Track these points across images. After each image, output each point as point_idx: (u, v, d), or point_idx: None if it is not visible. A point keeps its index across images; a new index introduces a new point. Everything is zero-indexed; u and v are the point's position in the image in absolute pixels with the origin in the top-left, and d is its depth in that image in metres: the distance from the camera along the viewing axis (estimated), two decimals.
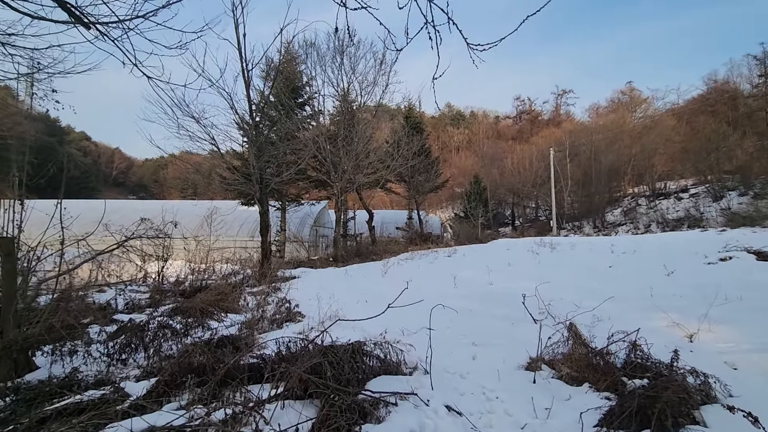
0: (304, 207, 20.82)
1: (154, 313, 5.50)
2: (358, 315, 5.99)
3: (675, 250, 11.09)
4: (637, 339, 3.25)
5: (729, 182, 27.32)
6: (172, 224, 7.55)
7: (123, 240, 7.50)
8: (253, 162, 10.09)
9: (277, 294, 7.47)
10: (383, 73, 15.29)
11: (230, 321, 5.46)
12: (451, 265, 11.73)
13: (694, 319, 4.18)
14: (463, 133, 73.20)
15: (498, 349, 3.94)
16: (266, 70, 10.30)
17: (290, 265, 13.27)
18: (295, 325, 5.24)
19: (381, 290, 8.17)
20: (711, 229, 20.23)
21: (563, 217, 34.21)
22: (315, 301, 6.93)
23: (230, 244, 22.45)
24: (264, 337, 4.66)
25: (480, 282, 8.41)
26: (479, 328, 4.79)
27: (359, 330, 5.02)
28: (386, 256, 15.51)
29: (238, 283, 8.86)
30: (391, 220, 29.67)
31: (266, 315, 5.48)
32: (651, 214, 29.81)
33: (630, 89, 59.82)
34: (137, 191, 77.17)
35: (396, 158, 17.15)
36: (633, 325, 4.47)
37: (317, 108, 15.88)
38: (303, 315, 5.81)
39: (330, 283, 9.32)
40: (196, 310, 4.50)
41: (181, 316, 5.31)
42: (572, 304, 5.66)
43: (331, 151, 14.89)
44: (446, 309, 6.02)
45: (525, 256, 12.25)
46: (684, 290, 6.15)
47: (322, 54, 14.47)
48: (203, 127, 9.75)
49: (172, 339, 4.27)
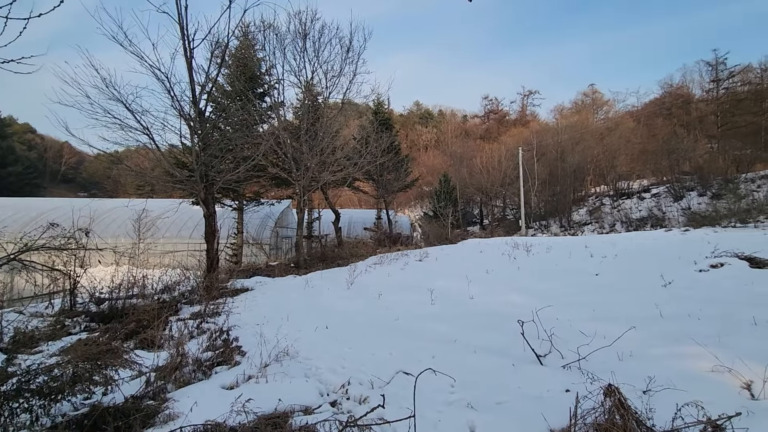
0: (265, 207, 19.20)
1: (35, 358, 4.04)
2: (316, 347, 4.78)
3: (656, 253, 10.58)
4: (709, 414, 2.24)
5: (688, 183, 28.03)
6: (83, 231, 6.00)
7: (18, 252, 5.93)
8: (196, 156, 8.58)
9: (216, 318, 6.09)
10: (350, 62, 14.04)
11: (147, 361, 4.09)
12: (424, 271, 10.70)
13: (737, 356, 3.29)
14: (432, 131, 72.90)
15: (504, 416, 2.85)
16: (212, 50, 8.81)
17: (245, 273, 11.79)
18: (227, 371, 3.95)
19: (346, 307, 6.97)
20: (674, 228, 20.38)
21: (531, 216, 34.21)
22: (265, 327, 5.65)
23: (183, 247, 20.56)
24: (178, 398, 3.35)
25: (459, 295, 7.38)
26: (471, 373, 3.70)
27: (314, 377, 3.81)
28: (353, 260, 14.32)
29: (172, 301, 7.38)
30: (359, 220, 28.43)
31: (191, 354, 4.15)
32: (615, 213, 30.20)
33: (593, 91, 61.56)
34: (89, 188, 71.70)
35: (364, 155, 15.93)
36: (665, 365, 3.54)
37: (277, 98, 14.39)
38: (243, 352, 4.52)
39: (287, 298, 8.01)
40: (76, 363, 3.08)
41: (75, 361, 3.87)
42: (577, 331, 4.71)
43: (293, 146, 13.49)
44: (425, 338, 4.94)
45: (501, 261, 11.43)
46: (694, 307, 5.34)
47: (281, 36, 13.00)
48: (133, 113, 8.15)
49: (30, 412, 2.84)
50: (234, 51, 15.02)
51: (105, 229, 20.62)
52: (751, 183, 24.67)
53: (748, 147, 32.81)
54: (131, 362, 3.50)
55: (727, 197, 22.41)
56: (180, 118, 8.61)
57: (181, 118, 8.60)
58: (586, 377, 3.02)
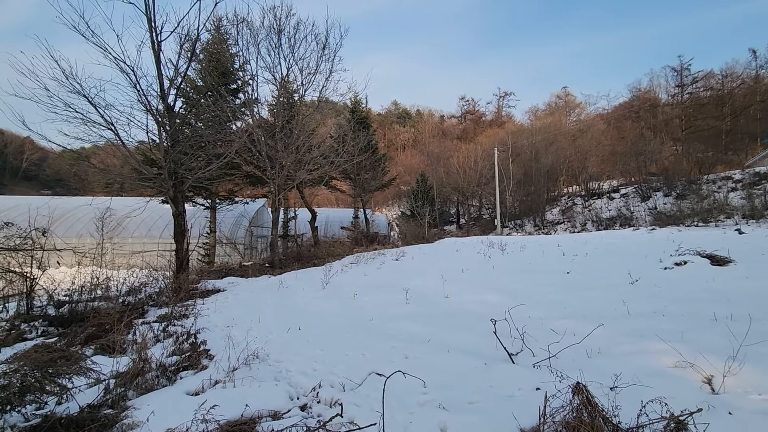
0: (239, 206, 18.77)
1: None
2: (288, 349, 4.66)
3: (625, 252, 10.92)
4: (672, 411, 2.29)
5: (654, 183, 29.12)
6: (39, 231, 5.67)
7: None
8: (164, 153, 8.26)
9: (184, 321, 5.87)
10: (327, 59, 13.86)
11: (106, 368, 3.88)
12: (400, 271, 10.69)
13: (699, 351, 3.39)
14: (410, 131, 73.19)
15: (476, 417, 2.84)
16: (181, 43, 8.47)
17: (217, 274, 11.48)
18: (194, 376, 3.79)
19: (320, 308, 6.86)
20: (641, 227, 21.08)
21: (506, 216, 34.79)
22: (234, 329, 5.48)
23: (153, 247, 19.86)
24: (139, 406, 3.18)
25: (434, 295, 7.38)
26: (444, 373, 3.68)
27: (284, 380, 3.70)
28: (329, 259, 14.19)
29: (138, 303, 7.09)
30: (336, 219, 28.22)
31: (155, 359, 3.97)
32: (586, 213, 31.06)
33: (565, 94, 63.28)
34: (53, 186, 68.29)
35: (341, 154, 15.78)
36: (631, 362, 3.62)
37: (251, 95, 14.06)
38: (211, 356, 4.36)
39: (259, 298, 7.82)
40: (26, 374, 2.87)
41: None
42: (548, 329, 4.77)
43: (268, 143, 13.21)
44: (399, 338, 4.90)
45: (476, 260, 11.55)
46: (659, 305, 5.51)
47: (255, 31, 12.69)
48: (96, 107, 7.75)
49: None
50: (206, 45, 14.61)
51: (69, 228, 19.73)
52: (713, 184, 25.81)
53: (710, 150, 34.46)
54: (88, 369, 3.30)
55: (690, 198, 23.39)
56: (147, 113, 8.27)
57: (147, 113, 8.27)
58: (556, 376, 3.05)
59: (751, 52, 48.07)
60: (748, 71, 48.15)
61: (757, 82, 46.54)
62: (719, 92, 47.42)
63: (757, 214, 18.75)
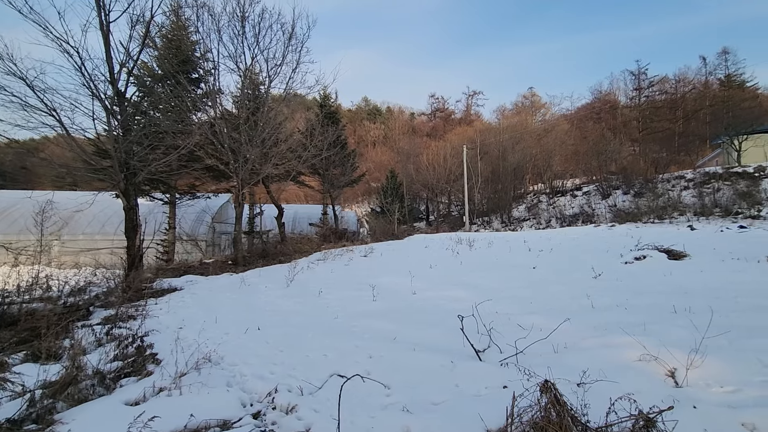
0: (201, 201, 17.95)
1: None
2: (244, 351, 4.35)
3: (588, 247, 11.22)
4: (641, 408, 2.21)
5: (614, 182, 30.32)
6: None
7: None
8: (114, 142, 7.64)
9: (131, 323, 5.42)
10: (293, 50, 13.40)
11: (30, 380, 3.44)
12: (368, 267, 10.50)
13: (662, 344, 3.39)
14: (380, 128, 73.04)
15: (441, 418, 2.68)
16: (132, 25, 7.83)
17: (175, 272, 10.87)
18: (136, 384, 3.44)
19: (283, 307, 6.56)
20: (602, 224, 21.84)
21: (474, 213, 35.31)
22: (187, 330, 5.11)
23: (107, 244, 18.69)
24: (68, 420, 2.82)
25: (402, 291, 7.24)
26: (409, 372, 3.51)
27: (237, 385, 3.42)
28: (296, 256, 13.81)
29: (84, 304, 6.54)
30: (304, 215, 27.66)
31: (91, 365, 3.57)
32: (551, 210, 31.95)
33: (531, 94, 65.00)
34: None
35: (309, 148, 15.37)
36: (597, 356, 3.58)
37: (213, 85, 13.39)
38: (159, 360, 4.00)
39: (218, 297, 7.41)
40: None
41: None
42: (515, 324, 4.71)
43: (231, 136, 12.63)
44: (364, 337, 4.70)
45: (445, 256, 11.55)
46: (622, 298, 5.60)
47: (216, 16, 12.05)
48: (34, 90, 7.04)
49: None
50: (165, 31, 13.82)
51: (11, 224, 18.31)
52: (667, 183, 27.15)
53: (665, 150, 36.34)
54: (6, 380, 2.90)
55: (647, 196, 24.50)
56: (93, 99, 7.62)
57: (94, 99, 7.62)
58: (524, 374, 2.94)
59: (701, 59, 51.08)
60: (698, 77, 51.16)
61: (706, 88, 49.48)
62: (673, 96, 50.13)
63: (707, 211, 19.88)
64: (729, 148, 27.45)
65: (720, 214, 19.05)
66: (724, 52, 49.43)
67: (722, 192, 21.88)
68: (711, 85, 50.16)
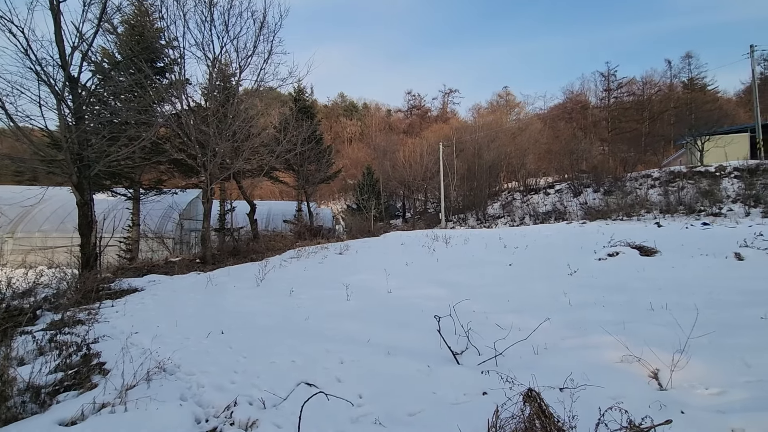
0: (168, 196, 17.10)
1: None
2: (204, 358, 3.98)
3: (561, 244, 11.30)
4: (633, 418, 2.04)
5: (585, 180, 31.06)
6: None
7: None
8: (64, 131, 7.03)
9: (80, 328, 4.94)
10: (265, 40, 12.87)
11: None
12: (343, 265, 10.20)
13: (644, 342, 3.28)
14: (357, 124, 72.48)
15: (417, 431, 2.45)
16: (85, 3, 7.20)
17: (137, 272, 10.24)
18: (76, 399, 3.05)
19: (251, 308, 6.19)
20: (574, 221, 22.24)
21: (450, 210, 35.48)
22: (143, 335, 4.69)
23: (65, 242, 17.59)
24: None
25: (377, 290, 7.00)
26: (383, 379, 3.26)
27: (192, 398, 3.08)
28: (269, 254, 13.35)
29: (31, 307, 5.97)
30: (278, 212, 26.98)
31: (22, 379, 3.15)
32: (525, 207, 32.43)
33: (506, 93, 65.92)
34: None
35: (282, 143, 14.86)
36: (579, 357, 3.43)
37: (179, 74, 12.70)
38: (106, 371, 3.60)
39: (182, 299, 6.96)
40: None
41: None
42: (493, 323, 4.55)
43: (200, 128, 12.01)
44: (336, 339, 4.43)
45: (421, 253, 11.40)
46: (598, 295, 5.54)
47: (182, 1, 11.36)
48: None
49: None
50: (126, 16, 13.01)
51: None
52: (635, 181, 27.96)
53: (632, 150, 37.54)
54: None
55: (616, 194, 25.17)
56: (40, 83, 6.97)
57: (41, 83, 6.97)
58: (505, 380, 2.73)
59: (666, 62, 53.08)
60: (664, 80, 53.17)
61: (671, 90, 51.48)
62: (640, 98, 51.92)
63: (672, 209, 20.55)
64: (692, 148, 28.54)
65: (684, 211, 19.71)
66: (688, 56, 51.66)
67: (686, 190, 22.68)
68: (675, 87, 52.25)
